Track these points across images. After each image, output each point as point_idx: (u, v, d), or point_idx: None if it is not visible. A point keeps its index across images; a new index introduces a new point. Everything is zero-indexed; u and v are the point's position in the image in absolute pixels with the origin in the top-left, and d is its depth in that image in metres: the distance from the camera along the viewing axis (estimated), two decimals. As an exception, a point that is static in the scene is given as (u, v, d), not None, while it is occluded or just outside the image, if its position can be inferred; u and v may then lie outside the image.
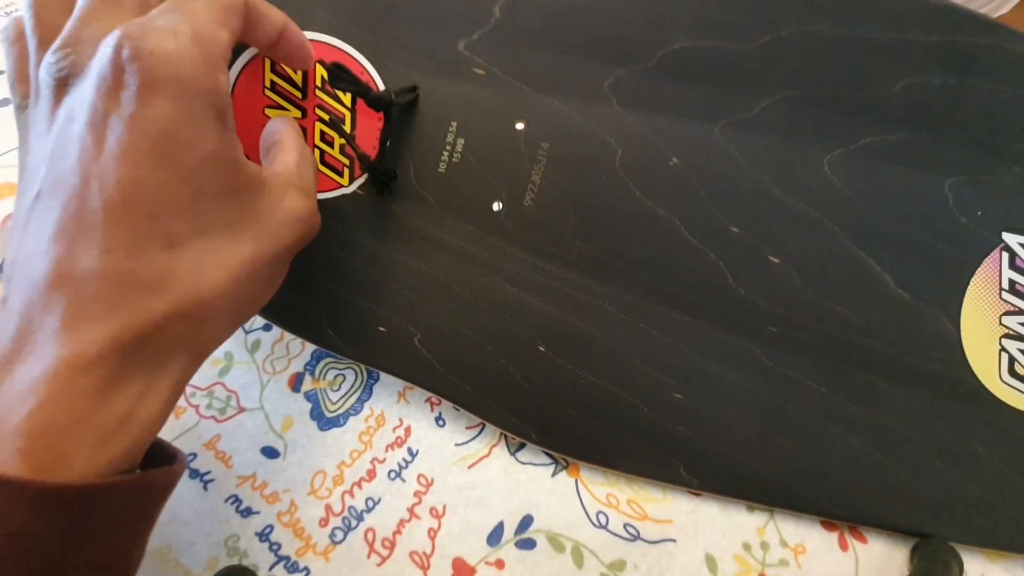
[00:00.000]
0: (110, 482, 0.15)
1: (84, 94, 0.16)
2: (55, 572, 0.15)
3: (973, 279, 0.24)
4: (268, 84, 0.25)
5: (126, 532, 0.17)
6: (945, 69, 0.23)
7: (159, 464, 0.18)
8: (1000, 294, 0.24)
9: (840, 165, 0.24)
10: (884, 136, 0.24)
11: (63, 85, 0.16)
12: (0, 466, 0.14)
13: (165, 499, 0.18)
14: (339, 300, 0.26)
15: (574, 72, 0.24)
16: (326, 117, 0.25)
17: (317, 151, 0.25)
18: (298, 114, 0.25)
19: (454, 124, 0.25)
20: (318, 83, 0.24)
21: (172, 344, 0.17)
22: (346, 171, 0.25)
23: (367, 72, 0.25)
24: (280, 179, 0.20)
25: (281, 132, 0.22)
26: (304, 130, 0.25)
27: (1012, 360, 0.24)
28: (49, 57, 0.16)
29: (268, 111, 0.25)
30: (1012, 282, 0.24)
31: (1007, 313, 0.24)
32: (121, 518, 0.16)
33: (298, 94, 0.25)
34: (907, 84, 0.24)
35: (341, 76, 0.24)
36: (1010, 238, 0.24)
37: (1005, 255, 0.24)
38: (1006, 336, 0.24)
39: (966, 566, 0.24)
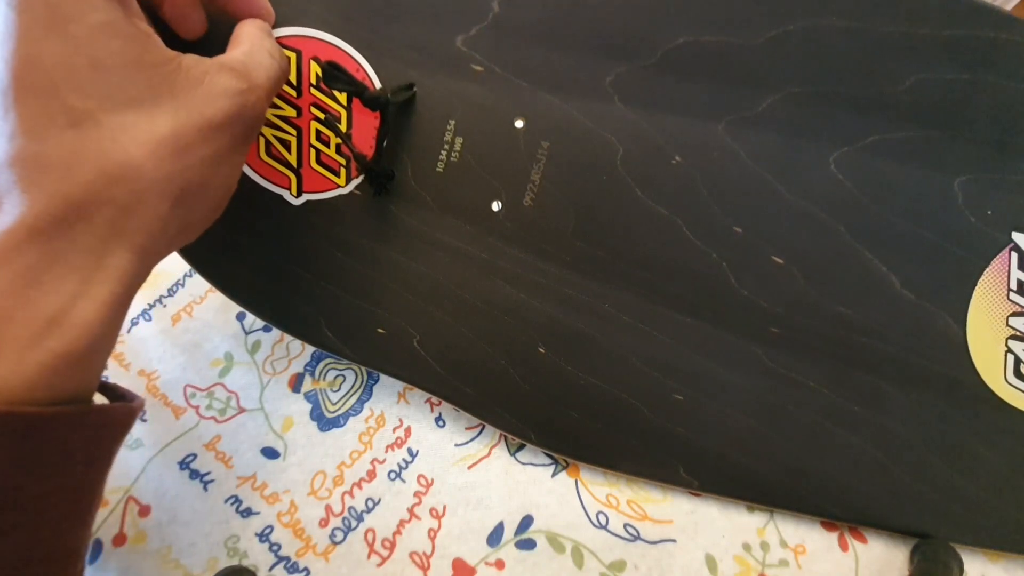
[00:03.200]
0: (59, 411, 0.15)
1: None
2: (8, 501, 0.14)
3: (981, 280, 0.23)
4: (262, 82, 0.23)
5: (83, 464, 0.16)
6: (957, 64, 0.22)
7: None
8: (1008, 295, 0.23)
9: (847, 163, 0.23)
10: (893, 133, 0.23)
11: None
12: None
13: (123, 436, 0.17)
14: (337, 302, 0.25)
15: (575, 68, 0.23)
16: (321, 116, 0.23)
17: (313, 151, 0.24)
18: (292, 113, 0.23)
19: (452, 122, 0.23)
20: (313, 80, 0.23)
21: (103, 235, 0.15)
22: (343, 171, 0.24)
23: (363, 70, 0.23)
24: (207, 63, 0.18)
25: (239, 30, 0.21)
26: (299, 129, 0.24)
27: (1018, 361, 0.23)
28: None
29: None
30: (1021, 283, 0.23)
31: (1015, 314, 0.23)
32: (76, 450, 0.15)
33: (292, 92, 0.23)
34: (918, 80, 0.22)
35: (336, 75, 0.22)
36: (1020, 238, 0.23)
37: (1015, 255, 0.23)
38: (1013, 338, 0.23)
39: (966, 566, 0.23)
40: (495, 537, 0.24)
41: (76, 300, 0.15)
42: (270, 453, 0.26)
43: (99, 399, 0.17)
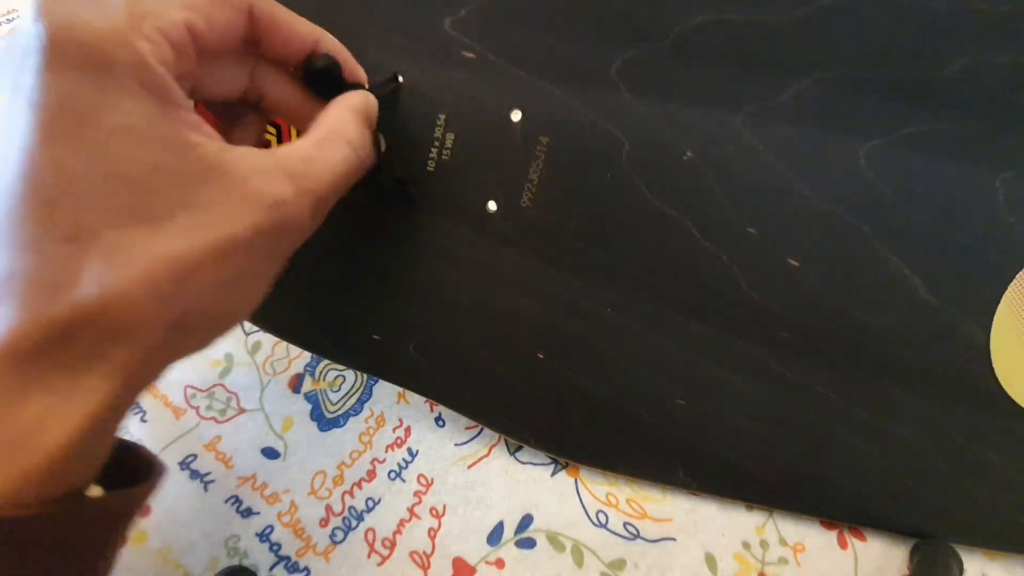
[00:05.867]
0: (30, 514, 0.13)
1: (2, 69, 0.13)
2: None
3: (1012, 284, 0.21)
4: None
5: (77, 557, 0.15)
6: (1014, 45, 0.19)
7: (134, 475, 0.16)
8: (1040, 300, 0.21)
9: (877, 157, 0.20)
10: (932, 124, 0.20)
11: None
12: None
13: (125, 523, 0.16)
14: (332, 307, 0.23)
15: (577, 54, 0.20)
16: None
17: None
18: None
19: (442, 117, 0.21)
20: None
21: (83, 355, 0.14)
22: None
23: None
24: (257, 161, 0.15)
25: (325, 111, 0.18)
26: (279, 128, 0.21)
27: (1043, 368, 0.21)
28: None
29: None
30: (1057, 289, 0.20)
31: (1045, 321, 0.21)
32: (63, 546, 0.14)
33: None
34: (967, 63, 0.19)
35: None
36: (1061, 240, 0.20)
37: (1052, 259, 0.20)
38: (1041, 345, 0.21)
39: (966, 566, 0.23)
40: (495, 536, 0.24)
41: (47, 419, 0.14)
42: (270, 453, 0.25)
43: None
